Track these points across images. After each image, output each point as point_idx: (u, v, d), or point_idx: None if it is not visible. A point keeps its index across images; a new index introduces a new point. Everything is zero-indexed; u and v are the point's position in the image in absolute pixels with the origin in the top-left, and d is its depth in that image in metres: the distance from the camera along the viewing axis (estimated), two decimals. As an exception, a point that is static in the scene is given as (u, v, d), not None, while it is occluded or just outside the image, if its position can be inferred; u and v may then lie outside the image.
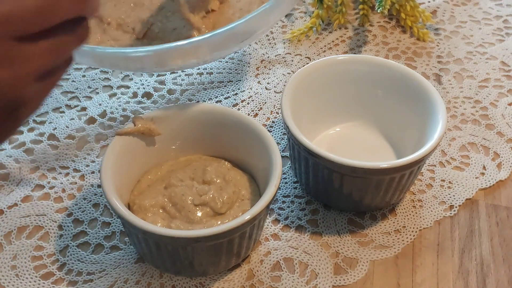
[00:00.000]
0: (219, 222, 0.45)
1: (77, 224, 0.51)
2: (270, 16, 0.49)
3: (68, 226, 0.50)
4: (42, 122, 0.59)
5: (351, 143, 0.56)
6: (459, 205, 0.53)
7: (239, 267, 0.48)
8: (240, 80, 0.64)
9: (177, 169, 0.50)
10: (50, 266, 0.48)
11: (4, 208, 0.51)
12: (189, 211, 0.45)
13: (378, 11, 0.63)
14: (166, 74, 0.65)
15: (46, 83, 0.33)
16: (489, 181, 0.55)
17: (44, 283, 0.47)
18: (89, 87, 0.63)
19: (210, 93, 0.63)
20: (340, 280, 0.47)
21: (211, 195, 0.46)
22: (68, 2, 0.30)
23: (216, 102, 0.62)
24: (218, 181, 0.47)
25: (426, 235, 0.51)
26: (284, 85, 0.61)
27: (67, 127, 0.59)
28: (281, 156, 0.48)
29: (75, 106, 0.61)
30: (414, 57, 0.68)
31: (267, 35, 0.70)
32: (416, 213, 0.52)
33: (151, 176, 0.50)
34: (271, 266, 0.48)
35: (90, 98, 0.62)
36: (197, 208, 0.46)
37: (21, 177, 0.54)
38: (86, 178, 0.54)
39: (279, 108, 0.61)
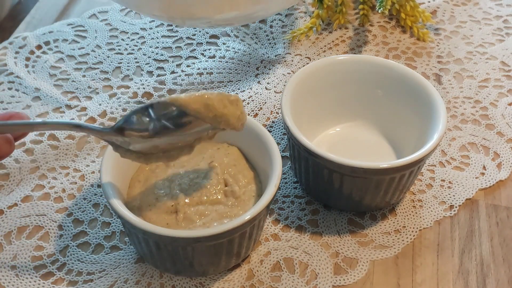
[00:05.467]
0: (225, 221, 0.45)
1: (77, 224, 0.51)
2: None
3: (68, 226, 0.50)
4: (42, 122, 0.59)
5: (351, 143, 0.56)
6: (459, 205, 0.53)
7: (239, 267, 0.48)
8: (240, 80, 0.64)
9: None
10: (50, 266, 0.48)
11: (4, 208, 0.51)
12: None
13: (379, 11, 0.63)
14: (166, 74, 0.65)
15: None
16: (489, 181, 0.55)
17: (44, 283, 0.47)
18: (89, 87, 0.63)
19: (210, 93, 0.63)
20: (340, 280, 0.47)
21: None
22: None
23: (216, 102, 0.62)
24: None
25: (426, 235, 0.51)
26: (284, 85, 0.61)
27: (67, 127, 0.58)
28: (281, 156, 0.48)
29: (75, 106, 0.61)
30: (414, 57, 0.68)
31: (267, 35, 0.70)
32: (416, 213, 0.52)
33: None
34: (271, 266, 0.48)
35: (90, 98, 0.62)
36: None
37: (21, 177, 0.54)
38: (86, 178, 0.54)
39: (279, 108, 0.61)
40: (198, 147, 0.50)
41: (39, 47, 0.67)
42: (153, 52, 0.67)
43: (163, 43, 0.69)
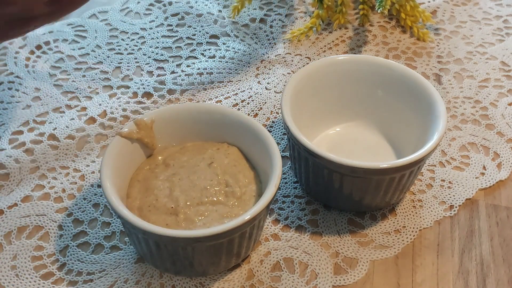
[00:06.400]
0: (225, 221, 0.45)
1: (77, 224, 0.51)
2: None
3: (68, 226, 0.50)
4: (42, 122, 0.59)
5: (351, 143, 0.56)
6: (459, 205, 0.53)
7: (239, 267, 0.48)
8: (240, 80, 0.64)
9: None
10: (50, 266, 0.48)
11: (4, 208, 0.51)
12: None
13: (379, 11, 0.63)
14: (166, 74, 0.65)
15: (53, 7, 0.46)
16: (489, 181, 0.55)
17: (44, 283, 0.47)
18: (89, 87, 0.63)
19: (210, 93, 0.63)
20: (340, 280, 0.47)
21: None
22: None
23: (216, 102, 0.62)
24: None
25: (426, 235, 0.51)
26: (284, 85, 0.61)
27: (67, 127, 0.59)
28: (281, 156, 0.48)
29: (75, 106, 0.61)
30: (414, 57, 0.68)
31: (267, 35, 0.70)
32: (416, 213, 0.52)
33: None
34: (271, 266, 0.48)
35: (90, 98, 0.62)
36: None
37: (21, 177, 0.54)
38: (86, 178, 0.54)
39: (279, 108, 0.61)
40: (198, 147, 0.50)
41: (39, 47, 0.67)
42: (153, 52, 0.67)
43: (163, 43, 0.69)
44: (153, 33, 0.70)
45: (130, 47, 0.68)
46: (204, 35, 0.70)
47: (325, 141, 0.56)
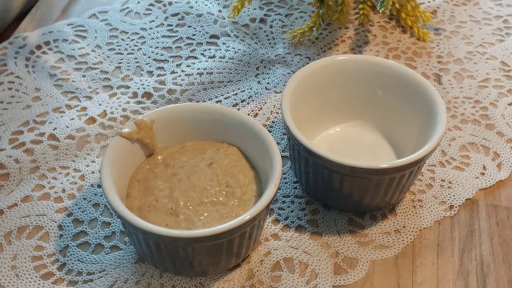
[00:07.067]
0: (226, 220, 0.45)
1: (77, 224, 0.51)
2: None
3: (68, 226, 0.50)
4: (42, 122, 0.59)
5: (351, 143, 0.56)
6: (459, 205, 0.53)
7: (239, 267, 0.48)
8: (240, 80, 0.64)
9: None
10: (50, 266, 0.48)
11: (4, 208, 0.51)
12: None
13: (380, 11, 0.63)
14: (166, 74, 0.65)
15: None
16: (489, 181, 0.55)
17: (44, 283, 0.47)
18: (89, 87, 0.63)
19: (210, 93, 0.63)
20: (340, 280, 0.47)
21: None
22: None
23: (216, 102, 0.62)
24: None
25: (426, 235, 0.51)
26: (284, 85, 0.61)
27: (67, 127, 0.59)
28: (281, 156, 0.48)
29: (75, 106, 0.61)
30: (414, 57, 0.68)
31: (267, 35, 0.70)
32: (416, 213, 0.52)
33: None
34: (271, 266, 0.48)
35: (90, 98, 0.62)
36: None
37: (21, 177, 0.54)
38: (86, 178, 0.54)
39: (279, 108, 0.61)
40: (198, 147, 0.50)
41: (39, 47, 0.67)
42: (153, 52, 0.67)
43: (163, 43, 0.69)
44: (153, 33, 0.70)
45: (130, 47, 0.68)
46: (204, 35, 0.70)
47: (325, 141, 0.56)
